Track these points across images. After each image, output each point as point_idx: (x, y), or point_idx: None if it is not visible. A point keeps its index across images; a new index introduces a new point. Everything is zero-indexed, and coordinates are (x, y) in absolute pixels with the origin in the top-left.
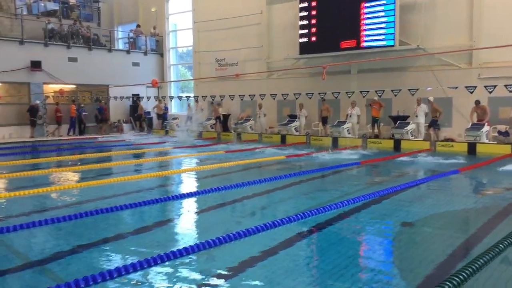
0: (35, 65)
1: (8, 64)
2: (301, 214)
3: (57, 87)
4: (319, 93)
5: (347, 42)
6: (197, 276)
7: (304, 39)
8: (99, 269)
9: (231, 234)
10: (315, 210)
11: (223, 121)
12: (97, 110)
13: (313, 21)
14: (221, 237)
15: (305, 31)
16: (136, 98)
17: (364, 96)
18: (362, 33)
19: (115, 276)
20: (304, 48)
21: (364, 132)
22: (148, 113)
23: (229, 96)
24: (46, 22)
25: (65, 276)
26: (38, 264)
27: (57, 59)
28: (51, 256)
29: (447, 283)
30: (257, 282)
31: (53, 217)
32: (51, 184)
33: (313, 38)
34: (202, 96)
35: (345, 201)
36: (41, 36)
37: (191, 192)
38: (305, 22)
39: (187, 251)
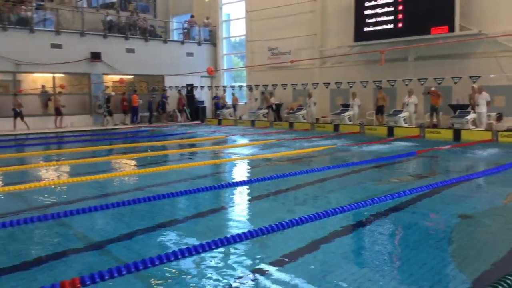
0: (95, 56)
1: (70, 56)
2: (354, 204)
3: (115, 77)
4: (374, 81)
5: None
6: (249, 262)
7: (360, 26)
8: (156, 252)
9: (283, 222)
10: (369, 201)
11: (276, 110)
12: (163, 98)
13: (368, 8)
14: (273, 225)
15: (360, 17)
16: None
17: (422, 84)
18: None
19: (172, 259)
20: (359, 35)
21: (422, 122)
22: (202, 102)
23: (282, 85)
24: (105, 14)
25: (125, 258)
26: (100, 246)
27: (115, 50)
28: (112, 238)
29: (505, 281)
30: (309, 271)
31: (116, 202)
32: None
33: (369, 25)
34: (255, 85)
35: (401, 192)
36: (100, 28)
37: (244, 180)
38: (361, 8)
39: (240, 237)
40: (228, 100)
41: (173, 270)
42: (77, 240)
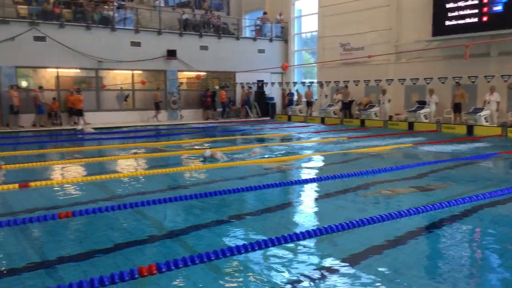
0: (171, 54)
1: (148, 53)
2: (429, 206)
3: (189, 74)
4: (453, 78)
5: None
6: (317, 260)
7: (439, 19)
8: (225, 244)
9: (354, 221)
10: (445, 203)
11: (347, 107)
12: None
13: (451, 0)
14: (344, 223)
15: (441, 11)
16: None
17: (506, 81)
18: None
19: (242, 251)
20: (438, 29)
21: (504, 121)
22: (272, 98)
23: (354, 81)
24: (181, 12)
25: (198, 247)
26: (172, 235)
27: (190, 48)
28: (183, 229)
29: None
30: (379, 271)
31: (183, 195)
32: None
33: (450, 18)
34: (326, 82)
35: (480, 195)
36: (176, 26)
37: (313, 178)
38: (441, 1)
39: (309, 234)
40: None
41: (242, 263)
42: (152, 228)
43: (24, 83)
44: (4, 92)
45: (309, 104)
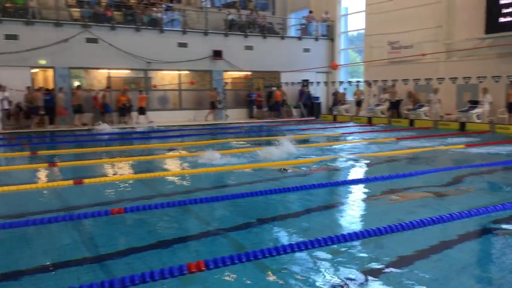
0: (217, 54)
1: (194, 54)
2: (482, 209)
3: (234, 74)
4: (507, 76)
5: None
6: (363, 262)
7: (493, 16)
8: (270, 243)
9: (403, 223)
10: (499, 206)
11: (394, 107)
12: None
13: None
14: (392, 225)
15: (494, 7)
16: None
17: None
18: None
19: (288, 251)
20: (492, 26)
21: None
22: (317, 98)
23: (402, 80)
24: (227, 13)
25: (244, 246)
26: (219, 233)
27: (235, 48)
28: (230, 227)
29: None
30: (427, 275)
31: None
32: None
33: (505, 15)
34: (373, 81)
35: None
36: (222, 27)
37: (359, 179)
38: None
39: (357, 236)
40: (347, 96)
41: (287, 262)
42: (199, 226)
43: (77, 83)
44: (65, 93)
45: (358, 103)
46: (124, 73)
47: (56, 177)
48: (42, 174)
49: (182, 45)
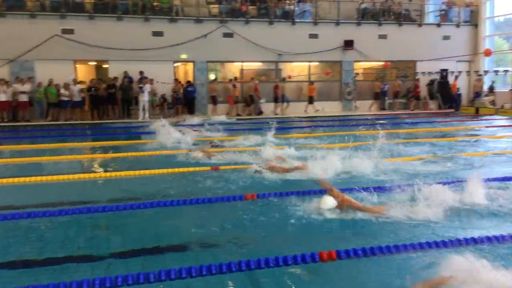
0: (348, 44)
1: (324, 45)
2: None
3: (364, 64)
4: None
5: None
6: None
7: None
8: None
9: None
10: None
11: None
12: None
13: None
14: None
15: None
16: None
17: None
18: None
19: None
20: None
21: None
22: (457, 89)
23: None
24: (360, 2)
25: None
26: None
27: (367, 37)
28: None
29: None
30: None
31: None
32: None
33: None
34: None
35: None
36: (354, 16)
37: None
38: None
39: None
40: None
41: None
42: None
43: (212, 76)
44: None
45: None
46: (256, 65)
47: None
48: None
49: (313, 36)
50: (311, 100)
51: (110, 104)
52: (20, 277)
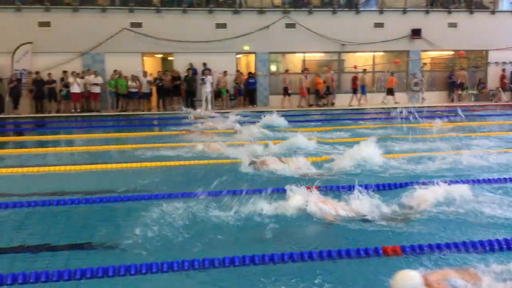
0: (415, 33)
1: (390, 34)
2: None
3: (433, 54)
4: None
5: None
6: None
7: None
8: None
9: None
10: None
11: None
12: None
13: None
14: None
15: None
16: None
17: None
18: None
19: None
20: None
21: None
22: None
23: None
24: None
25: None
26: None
27: (436, 26)
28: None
29: None
30: None
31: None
32: None
33: None
34: None
35: None
36: (422, 4)
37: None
38: None
39: None
40: None
41: None
42: None
43: (273, 68)
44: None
45: None
46: (318, 56)
47: None
48: None
49: (378, 25)
50: (390, 92)
51: (175, 95)
52: None
